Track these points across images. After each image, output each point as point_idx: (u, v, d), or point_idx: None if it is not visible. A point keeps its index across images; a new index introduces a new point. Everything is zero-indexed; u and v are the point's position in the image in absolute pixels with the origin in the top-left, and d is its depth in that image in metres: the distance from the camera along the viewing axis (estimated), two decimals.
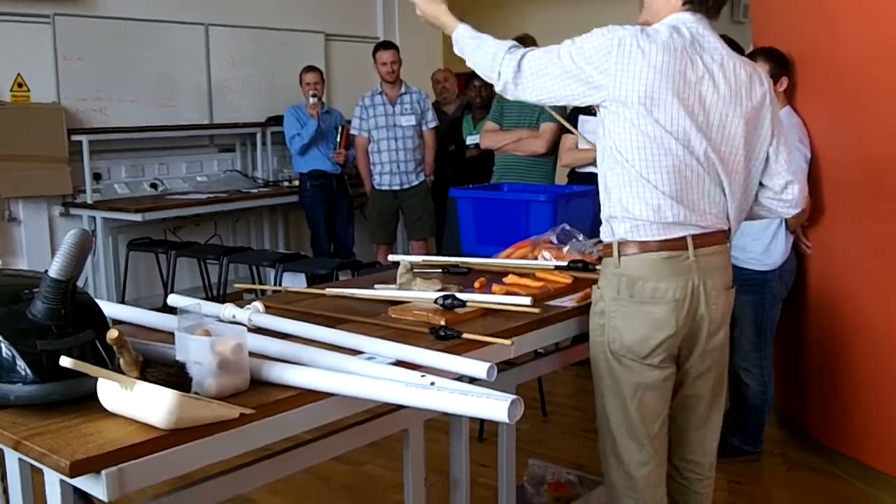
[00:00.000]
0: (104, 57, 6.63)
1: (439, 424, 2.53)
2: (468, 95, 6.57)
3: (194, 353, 1.83)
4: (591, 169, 4.50)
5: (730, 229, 2.47)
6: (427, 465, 2.49)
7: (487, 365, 1.94)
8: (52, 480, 1.70)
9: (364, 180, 6.73)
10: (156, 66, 6.97)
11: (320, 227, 6.92)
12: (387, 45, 6.61)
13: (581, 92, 2.34)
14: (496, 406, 1.64)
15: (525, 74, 2.39)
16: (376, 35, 8.79)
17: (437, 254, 6.48)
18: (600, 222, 2.50)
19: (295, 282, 5.29)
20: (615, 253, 2.40)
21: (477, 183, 5.21)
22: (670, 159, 2.30)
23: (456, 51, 2.57)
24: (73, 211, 6.53)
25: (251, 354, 2.00)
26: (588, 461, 3.83)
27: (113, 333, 1.68)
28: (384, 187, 6.54)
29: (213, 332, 1.88)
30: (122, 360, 1.72)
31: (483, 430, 4.21)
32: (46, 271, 1.85)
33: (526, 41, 5.40)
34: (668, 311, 2.35)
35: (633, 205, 2.34)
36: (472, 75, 6.61)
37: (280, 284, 5.18)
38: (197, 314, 2.00)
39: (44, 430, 1.69)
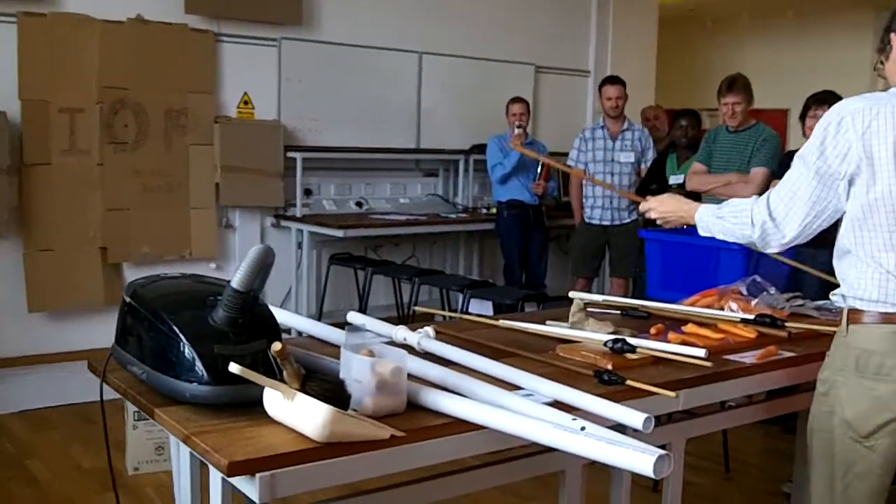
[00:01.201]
0: (322, 79, 6.98)
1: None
2: (674, 134, 6.46)
3: (356, 371, 1.90)
4: None
5: None
6: None
7: (644, 416, 1.90)
8: (215, 476, 1.81)
9: (575, 212, 6.77)
10: (369, 91, 7.26)
11: (514, 256, 6.97)
12: (613, 79, 6.60)
13: (836, 193, 2.19)
14: (642, 459, 1.61)
15: (778, 214, 2.26)
16: (587, 68, 8.79)
17: (633, 294, 6.40)
18: (796, 277, 2.39)
19: (482, 308, 5.35)
20: (844, 321, 2.25)
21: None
22: (893, 234, 2.13)
23: (702, 232, 2.51)
24: (283, 223, 6.89)
25: (413, 378, 2.06)
26: None
27: (277, 346, 1.77)
28: (594, 221, 6.55)
29: (376, 353, 1.95)
30: (284, 372, 1.81)
31: (659, 480, 4.09)
32: (230, 282, 1.97)
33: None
34: (892, 390, 2.16)
35: (857, 281, 2.20)
36: (680, 114, 6.55)
37: (466, 310, 5.26)
38: (364, 334, 2.08)
39: (212, 428, 1.80)
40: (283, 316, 2.65)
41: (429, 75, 7.63)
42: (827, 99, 4.56)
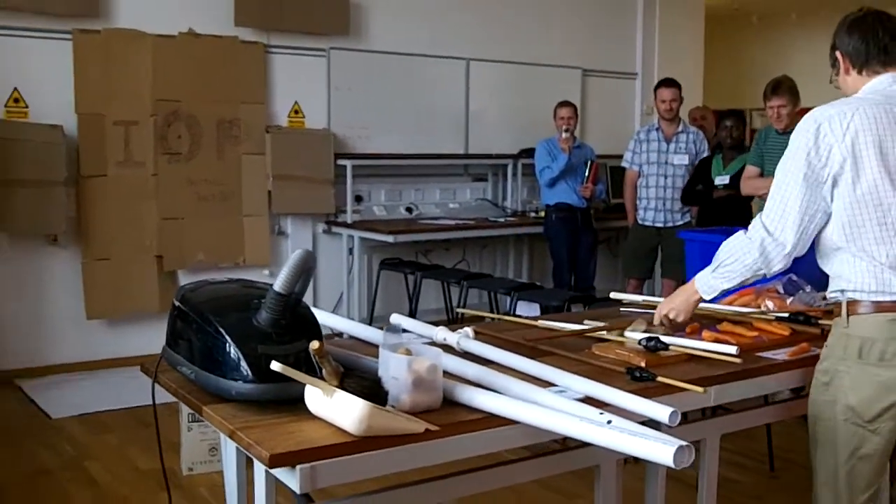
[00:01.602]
0: (371, 88, 7.11)
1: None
2: (719, 135, 6.46)
3: (393, 369, 1.98)
4: None
5: None
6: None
7: (670, 410, 1.96)
8: (260, 469, 1.91)
9: (628, 213, 6.83)
10: (417, 98, 7.38)
11: (562, 259, 7.01)
12: (669, 82, 6.62)
13: (822, 195, 2.29)
14: (662, 450, 1.66)
15: (774, 228, 2.34)
16: (634, 71, 8.82)
17: None
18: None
19: (529, 310, 5.41)
20: (843, 312, 2.34)
21: (725, 224, 5.12)
22: (882, 228, 2.25)
23: (709, 294, 2.52)
24: (334, 229, 7.02)
25: (451, 376, 2.14)
26: None
27: (315, 345, 1.86)
28: (647, 222, 6.60)
29: (413, 352, 2.03)
30: (323, 370, 1.90)
31: None
32: (272, 285, 2.07)
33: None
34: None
35: (853, 275, 2.30)
36: (725, 114, 6.55)
37: (514, 312, 5.32)
38: (401, 334, 2.16)
39: (256, 424, 1.90)
40: (330, 320, 2.76)
41: (476, 81, 7.72)
42: None
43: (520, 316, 4.61)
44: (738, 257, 2.41)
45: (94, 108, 5.84)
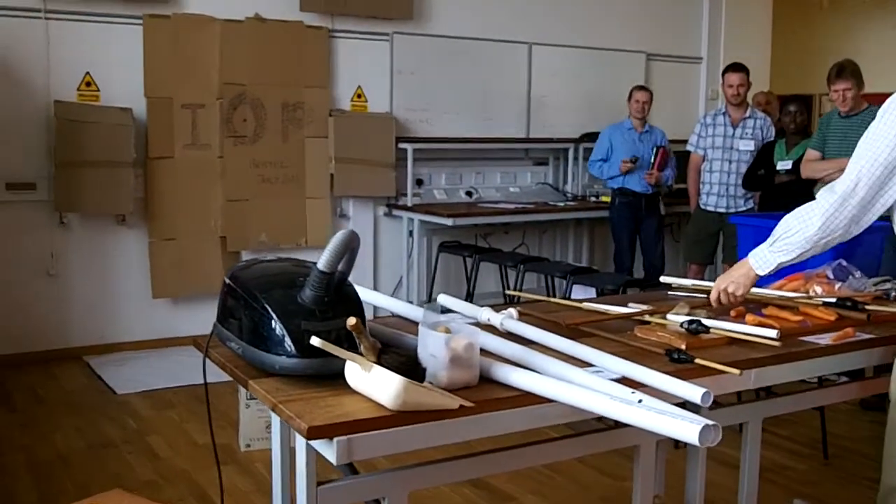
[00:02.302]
0: (433, 72, 7.17)
1: (713, 453, 2.54)
2: (783, 120, 6.38)
3: (431, 346, 2.04)
4: None
5: None
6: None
7: (703, 391, 1.97)
8: (300, 440, 1.98)
9: (691, 198, 6.80)
10: (479, 82, 7.42)
11: (623, 243, 7.00)
12: (736, 67, 6.55)
13: None
14: (688, 428, 1.69)
15: (845, 192, 2.38)
16: (699, 55, 8.72)
17: None
18: (892, 263, 2.45)
19: (584, 294, 5.43)
20: None
21: (786, 210, 5.08)
22: None
23: (763, 270, 2.54)
24: (395, 212, 7.11)
25: (490, 354, 2.18)
26: None
27: (352, 321, 1.92)
28: (710, 208, 6.56)
29: (451, 330, 2.07)
30: (361, 346, 1.96)
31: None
32: (316, 263, 2.14)
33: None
34: None
35: None
36: (788, 100, 6.47)
37: (569, 296, 5.34)
38: (439, 312, 2.21)
39: (297, 397, 1.97)
40: (378, 299, 2.83)
41: (538, 65, 7.73)
42: None
43: (573, 299, 4.65)
44: (798, 229, 2.46)
45: (163, 92, 6.00)
